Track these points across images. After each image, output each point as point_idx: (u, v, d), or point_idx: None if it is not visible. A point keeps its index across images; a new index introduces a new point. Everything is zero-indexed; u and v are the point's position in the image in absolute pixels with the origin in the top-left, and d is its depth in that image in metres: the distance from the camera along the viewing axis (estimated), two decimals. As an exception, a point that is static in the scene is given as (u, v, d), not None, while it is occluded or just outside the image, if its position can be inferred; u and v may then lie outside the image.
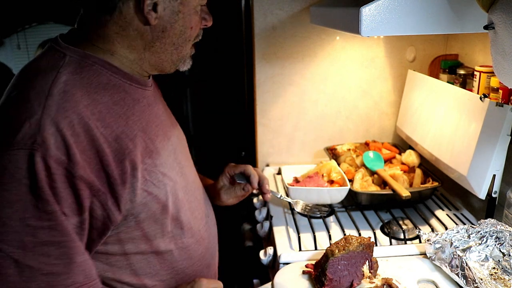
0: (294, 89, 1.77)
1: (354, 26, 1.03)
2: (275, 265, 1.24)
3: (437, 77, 1.65)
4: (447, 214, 1.43)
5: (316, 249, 1.25)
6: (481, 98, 1.24)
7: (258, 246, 1.54)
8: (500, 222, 1.13)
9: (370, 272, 1.07)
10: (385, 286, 1.05)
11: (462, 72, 1.49)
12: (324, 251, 1.05)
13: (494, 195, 1.26)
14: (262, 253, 1.30)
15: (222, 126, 2.27)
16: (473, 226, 1.13)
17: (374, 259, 1.07)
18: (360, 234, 1.27)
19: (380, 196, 1.44)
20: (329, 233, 1.29)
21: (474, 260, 1.06)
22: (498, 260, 1.06)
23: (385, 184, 1.47)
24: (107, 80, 0.86)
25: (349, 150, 1.69)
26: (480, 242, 1.08)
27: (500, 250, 1.07)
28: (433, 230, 1.30)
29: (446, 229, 1.25)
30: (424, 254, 1.17)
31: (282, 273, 1.11)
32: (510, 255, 1.05)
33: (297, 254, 1.21)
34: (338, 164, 1.57)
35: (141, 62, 0.91)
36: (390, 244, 1.27)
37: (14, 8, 2.39)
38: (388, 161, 1.65)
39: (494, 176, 1.23)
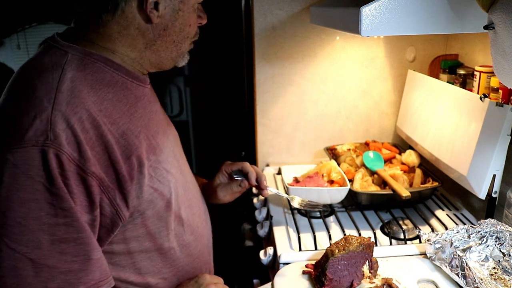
0: (294, 89, 1.77)
1: (354, 26, 1.03)
2: (275, 265, 1.24)
3: (437, 77, 1.65)
4: (447, 214, 1.43)
5: (316, 249, 1.25)
6: (481, 98, 1.24)
7: (258, 246, 1.54)
8: (500, 222, 1.13)
9: (370, 272, 1.07)
10: (385, 286, 1.05)
11: (462, 72, 1.49)
12: (324, 251, 1.05)
13: (494, 195, 1.26)
14: (262, 253, 1.30)
15: (222, 126, 2.27)
16: (473, 226, 1.13)
17: (374, 259, 1.07)
18: (360, 234, 1.27)
19: (380, 196, 1.44)
20: (329, 233, 1.29)
21: (474, 260, 1.06)
22: (498, 260, 1.06)
23: (385, 184, 1.47)
24: (110, 77, 0.86)
25: (349, 150, 1.69)
26: (480, 242, 1.08)
27: (500, 250, 1.07)
28: (433, 230, 1.30)
29: (446, 229, 1.25)
30: (424, 254, 1.17)
31: (282, 273, 1.11)
32: (510, 255, 1.05)
33: (297, 254, 1.21)
34: (338, 164, 1.57)
35: (141, 60, 0.92)
36: (390, 244, 1.27)
37: (14, 8, 2.38)
38: (388, 161, 1.65)
39: (494, 176, 1.23)
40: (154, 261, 0.93)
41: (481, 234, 1.10)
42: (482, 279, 1.00)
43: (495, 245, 1.08)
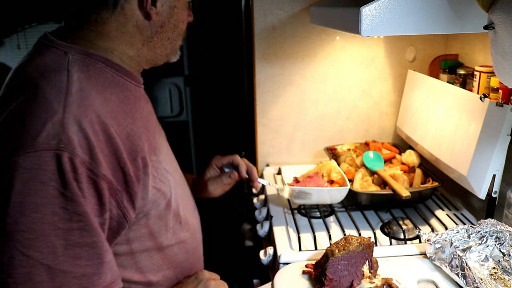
0: (294, 89, 1.77)
1: (354, 26, 1.03)
2: (275, 265, 1.24)
3: (437, 77, 1.65)
4: (447, 214, 1.43)
5: (316, 249, 1.25)
6: (481, 98, 1.24)
7: (258, 246, 1.54)
8: (500, 222, 1.13)
9: (370, 272, 1.07)
10: (385, 286, 1.05)
11: (462, 72, 1.49)
12: (324, 251, 1.05)
13: (494, 195, 1.26)
14: (262, 253, 1.30)
15: (222, 126, 2.27)
16: (473, 226, 1.13)
17: (374, 259, 1.07)
18: (360, 234, 1.27)
19: (380, 196, 1.44)
20: (329, 233, 1.29)
21: (474, 260, 1.06)
22: (498, 260, 1.06)
23: (385, 184, 1.47)
24: (112, 78, 0.86)
25: (349, 150, 1.69)
26: (480, 242, 1.08)
27: (500, 250, 1.07)
28: (433, 230, 1.30)
29: (446, 229, 1.25)
30: (424, 254, 1.17)
31: (282, 273, 1.11)
32: (510, 255, 1.05)
33: (297, 254, 1.21)
34: (338, 164, 1.57)
35: (139, 58, 0.92)
36: (390, 244, 1.27)
37: (14, 8, 2.38)
38: (388, 161, 1.65)
39: (494, 176, 1.23)
40: (154, 259, 0.93)
41: (481, 234, 1.10)
42: (482, 279, 1.00)
43: (495, 245, 1.08)
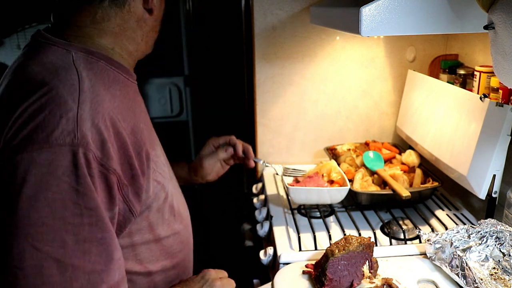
0: (294, 89, 1.77)
1: (354, 26, 1.03)
2: (275, 265, 1.24)
3: (437, 77, 1.65)
4: (447, 214, 1.44)
5: (316, 249, 1.25)
6: (481, 98, 1.24)
7: (258, 246, 1.54)
8: (500, 222, 1.13)
9: (370, 272, 1.07)
10: (385, 286, 1.05)
11: (462, 72, 1.49)
12: (324, 251, 1.05)
13: (494, 195, 1.26)
14: (262, 253, 1.30)
15: (222, 126, 2.27)
16: (473, 226, 1.13)
17: (374, 259, 1.07)
18: (360, 234, 1.27)
19: (380, 196, 1.44)
20: (329, 233, 1.29)
21: (474, 260, 1.06)
22: (498, 260, 1.06)
23: (385, 184, 1.47)
24: (114, 75, 0.87)
25: (349, 150, 1.69)
26: (480, 242, 1.08)
27: (500, 250, 1.07)
28: (433, 230, 1.30)
29: (446, 229, 1.25)
30: (424, 254, 1.17)
31: (282, 273, 1.11)
32: (510, 255, 1.05)
33: (297, 254, 1.21)
34: (338, 164, 1.57)
35: (136, 52, 0.95)
36: (390, 244, 1.27)
37: (14, 8, 2.38)
38: (388, 161, 1.65)
39: (494, 176, 1.23)
40: (152, 250, 0.95)
41: (481, 234, 1.10)
42: (482, 279, 1.00)
43: (495, 245, 1.08)
